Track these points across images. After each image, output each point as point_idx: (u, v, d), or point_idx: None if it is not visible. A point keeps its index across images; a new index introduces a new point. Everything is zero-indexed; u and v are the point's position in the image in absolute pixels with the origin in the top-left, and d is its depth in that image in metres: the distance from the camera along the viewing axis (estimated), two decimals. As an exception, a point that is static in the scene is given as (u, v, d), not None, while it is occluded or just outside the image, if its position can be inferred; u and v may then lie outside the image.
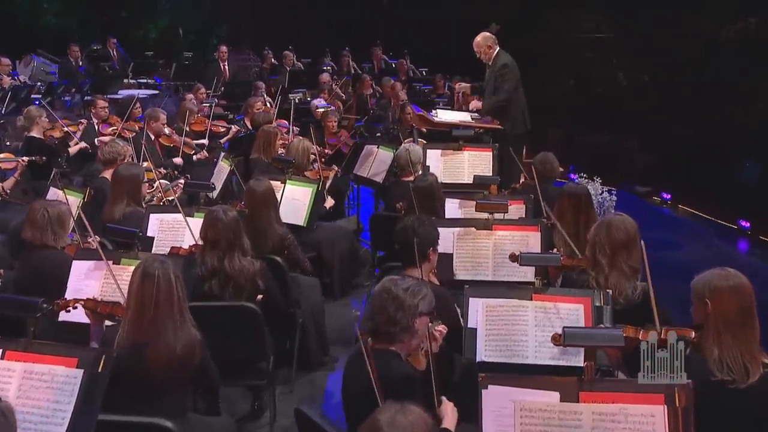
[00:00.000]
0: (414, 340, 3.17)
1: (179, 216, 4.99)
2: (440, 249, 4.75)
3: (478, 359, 3.78)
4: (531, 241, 4.84)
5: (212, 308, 4.23)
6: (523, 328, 3.82)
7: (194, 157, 8.13)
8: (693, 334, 3.11)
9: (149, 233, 5.05)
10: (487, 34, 7.84)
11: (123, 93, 12.56)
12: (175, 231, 5.02)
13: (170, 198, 5.84)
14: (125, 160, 6.15)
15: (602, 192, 7.50)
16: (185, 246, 4.72)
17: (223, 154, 7.20)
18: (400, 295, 3.14)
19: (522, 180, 6.79)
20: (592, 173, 11.86)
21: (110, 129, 8.51)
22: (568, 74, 16.77)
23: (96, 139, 8.20)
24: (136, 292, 3.18)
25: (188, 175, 6.90)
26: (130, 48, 15.54)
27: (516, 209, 5.68)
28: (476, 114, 7.75)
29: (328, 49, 15.08)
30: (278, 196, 6.01)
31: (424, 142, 8.25)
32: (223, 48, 12.84)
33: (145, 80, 13.85)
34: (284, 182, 6.10)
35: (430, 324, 3.25)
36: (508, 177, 7.10)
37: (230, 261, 4.28)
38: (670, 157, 11.62)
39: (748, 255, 8.54)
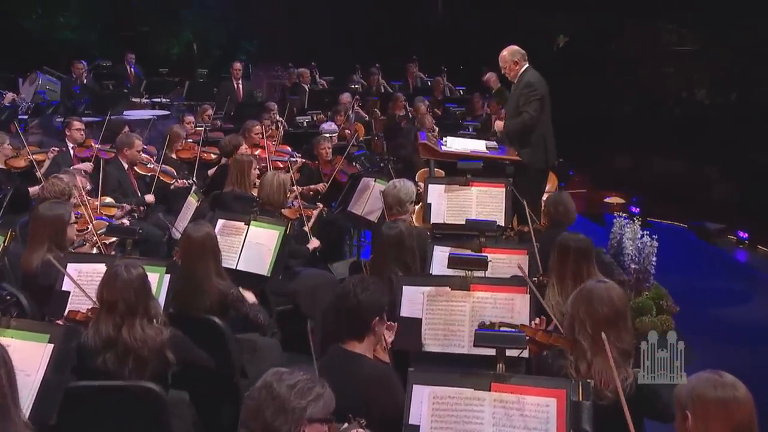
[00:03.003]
0: None
1: (101, 267, 4.51)
2: (407, 312, 4.27)
3: (418, 468, 3.18)
4: (517, 305, 4.21)
5: (105, 389, 3.72)
6: (477, 428, 3.20)
7: (172, 186, 7.73)
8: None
9: (65, 287, 4.57)
10: (515, 48, 7.21)
11: (130, 114, 12.35)
12: (95, 285, 4.52)
13: (109, 241, 5.38)
14: (71, 200, 5.75)
15: (642, 236, 6.76)
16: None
17: (194, 187, 6.77)
18: (282, 394, 2.57)
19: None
20: (659, 205, 11.13)
21: (87, 153, 8.18)
22: (642, 91, 16.16)
23: (72, 167, 7.85)
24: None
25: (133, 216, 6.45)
26: (151, 64, 15.43)
27: (517, 261, 5.08)
28: (493, 143, 7.12)
29: (359, 65, 14.64)
30: (241, 239, 5.60)
31: (443, 173, 7.70)
32: (237, 65, 12.47)
33: (159, 99, 13.60)
34: (248, 223, 5.62)
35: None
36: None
37: (130, 329, 3.76)
38: (754, 189, 10.86)
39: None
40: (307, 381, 2.64)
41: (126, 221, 6.02)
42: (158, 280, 4.52)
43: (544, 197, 7.07)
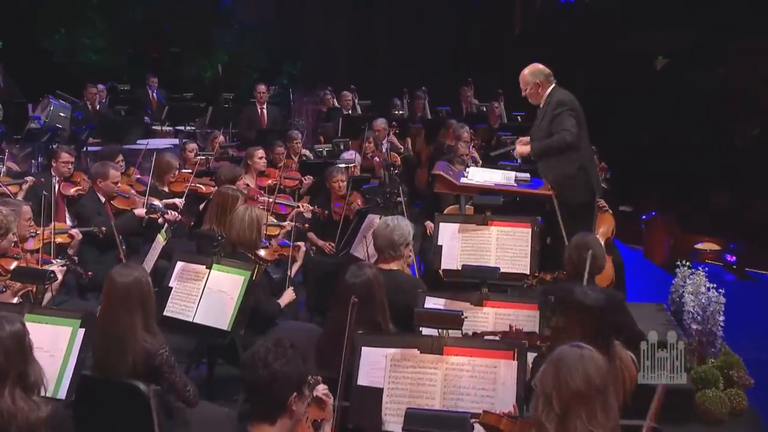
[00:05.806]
0: None
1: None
2: (366, 380, 3.84)
3: None
4: (501, 374, 3.66)
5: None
6: None
7: (160, 220, 7.37)
8: None
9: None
10: (539, 67, 6.67)
11: (144, 143, 12.17)
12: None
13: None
14: (9, 236, 5.41)
15: (709, 288, 6.07)
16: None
17: (165, 225, 6.41)
18: None
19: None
20: (762, 253, 10.35)
21: (73, 189, 7.92)
22: (753, 120, 15.43)
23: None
24: None
25: (72, 257, 6.06)
26: (181, 89, 15.35)
27: (526, 318, 4.55)
28: (525, 175, 6.55)
29: (406, 89, 14.25)
30: (201, 286, 5.19)
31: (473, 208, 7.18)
32: (261, 88, 12.14)
33: (183, 127, 13.42)
34: (210, 266, 5.19)
35: None
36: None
37: (-3, 399, 3.29)
38: None
39: None
40: None
41: (56, 266, 5.48)
42: (70, 336, 4.12)
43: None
